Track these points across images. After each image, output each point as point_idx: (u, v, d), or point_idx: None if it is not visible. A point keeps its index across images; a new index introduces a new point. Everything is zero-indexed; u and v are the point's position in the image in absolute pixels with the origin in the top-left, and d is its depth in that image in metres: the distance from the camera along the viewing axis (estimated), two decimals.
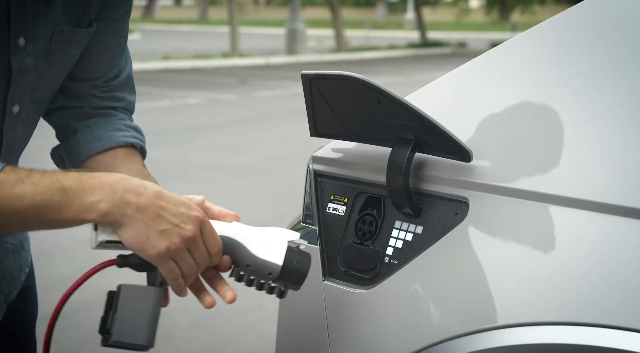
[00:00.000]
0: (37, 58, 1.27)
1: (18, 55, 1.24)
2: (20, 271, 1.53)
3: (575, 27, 1.32)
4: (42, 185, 1.08)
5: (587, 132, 1.17)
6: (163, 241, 1.11)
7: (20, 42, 1.23)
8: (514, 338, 1.09)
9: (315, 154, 1.42)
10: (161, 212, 1.11)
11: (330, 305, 1.32)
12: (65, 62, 1.35)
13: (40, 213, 1.09)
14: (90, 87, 1.44)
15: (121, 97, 1.48)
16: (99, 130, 1.43)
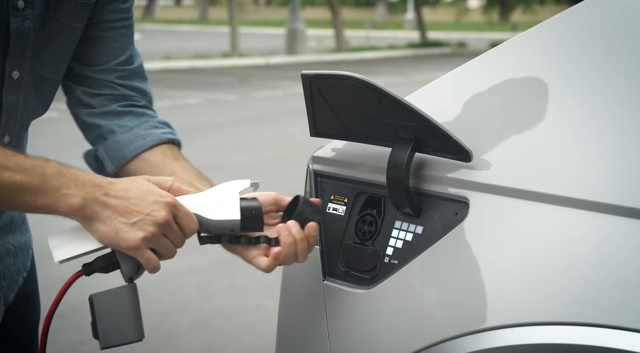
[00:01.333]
0: (35, 22, 1.27)
1: (17, 17, 1.24)
2: (18, 274, 1.53)
3: (575, 27, 1.32)
4: (24, 166, 1.11)
5: (587, 132, 1.17)
6: (137, 232, 1.14)
7: (20, 4, 1.24)
8: (514, 338, 1.09)
9: (315, 154, 1.42)
10: (130, 205, 1.13)
11: (330, 305, 1.32)
12: (65, 34, 1.35)
13: (15, 193, 1.11)
14: (107, 72, 1.44)
15: (138, 87, 1.48)
16: (137, 128, 1.44)
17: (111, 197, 1.13)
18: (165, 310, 3.73)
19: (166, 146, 1.44)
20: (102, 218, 1.13)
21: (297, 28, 20.50)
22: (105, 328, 1.16)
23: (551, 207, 1.12)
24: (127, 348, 3.71)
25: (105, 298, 1.17)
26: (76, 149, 1.50)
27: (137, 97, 1.48)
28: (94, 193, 1.13)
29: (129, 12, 1.45)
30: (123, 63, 1.45)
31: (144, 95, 1.49)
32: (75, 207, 1.12)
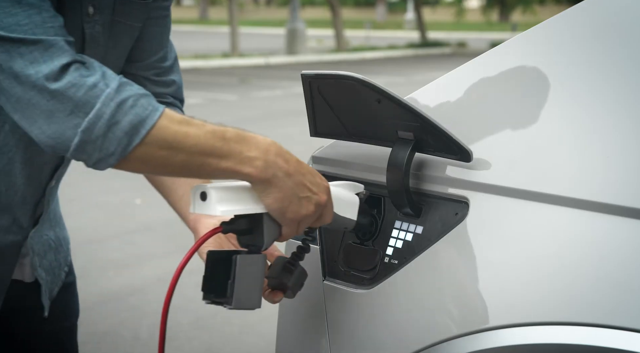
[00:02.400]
0: (104, 27, 1.32)
1: (89, 22, 1.29)
2: (60, 269, 1.57)
3: (575, 27, 1.32)
4: (205, 130, 1.12)
5: (587, 132, 1.17)
6: (302, 207, 1.17)
7: (90, 10, 1.28)
8: (514, 338, 1.09)
9: (315, 154, 1.42)
10: (304, 179, 1.17)
11: (330, 305, 1.32)
12: (128, 35, 1.39)
13: (201, 157, 1.12)
14: (145, 68, 1.47)
15: (171, 81, 1.51)
16: None
17: (291, 166, 1.16)
18: None
19: None
20: (280, 184, 1.15)
21: (297, 28, 20.50)
22: (239, 291, 1.18)
23: (551, 207, 1.12)
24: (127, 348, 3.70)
25: (247, 261, 1.19)
26: None
27: (168, 94, 1.51)
28: (275, 159, 1.15)
29: (169, 9, 1.48)
30: (160, 60, 1.48)
31: (176, 87, 1.52)
32: (258, 169, 1.13)
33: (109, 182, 6.23)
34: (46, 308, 1.50)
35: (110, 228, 5.07)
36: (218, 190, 1.14)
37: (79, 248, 4.54)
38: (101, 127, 1.07)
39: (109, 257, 4.48)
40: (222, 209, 1.14)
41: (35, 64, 1.07)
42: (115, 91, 1.08)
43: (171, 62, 1.51)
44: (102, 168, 1.11)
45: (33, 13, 1.09)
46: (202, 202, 1.15)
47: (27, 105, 1.07)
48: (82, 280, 4.45)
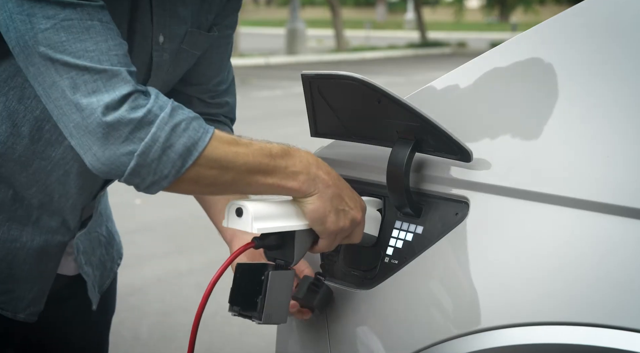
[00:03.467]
0: (170, 54, 1.36)
1: (158, 51, 1.32)
2: (112, 262, 1.61)
3: (575, 27, 1.32)
4: (253, 148, 1.16)
5: (587, 132, 1.17)
6: (340, 219, 1.21)
7: (160, 39, 1.32)
8: (514, 338, 1.09)
9: (315, 154, 1.42)
10: (342, 193, 1.21)
11: (330, 305, 1.32)
12: (188, 62, 1.43)
13: (249, 174, 1.16)
14: (202, 91, 1.50)
15: (225, 102, 1.55)
16: None
17: (332, 178, 1.21)
18: (166, 310, 3.73)
19: None
20: (321, 194, 1.19)
21: (297, 28, 20.49)
22: (269, 306, 1.20)
23: (551, 207, 1.12)
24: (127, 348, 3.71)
25: (279, 277, 1.21)
26: None
27: (220, 114, 1.54)
28: (316, 172, 1.19)
29: (231, 37, 1.51)
30: (217, 84, 1.52)
31: (229, 108, 1.56)
32: (302, 183, 1.18)
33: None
34: (94, 302, 1.54)
35: None
36: (254, 207, 1.16)
37: None
38: (156, 151, 1.10)
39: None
40: (258, 227, 1.16)
41: (97, 93, 1.10)
42: (169, 115, 1.11)
43: (227, 84, 1.54)
44: (154, 191, 1.15)
45: (100, 40, 1.11)
46: (238, 218, 1.17)
47: (84, 132, 1.10)
48: None
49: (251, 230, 1.16)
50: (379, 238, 1.30)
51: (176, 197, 1.88)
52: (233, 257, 1.21)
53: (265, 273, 1.20)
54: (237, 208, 1.17)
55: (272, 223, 1.17)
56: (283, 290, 1.22)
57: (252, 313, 1.21)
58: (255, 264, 1.24)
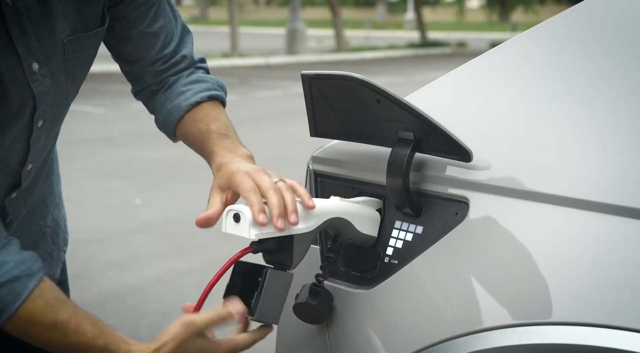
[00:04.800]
0: (54, 75, 1.28)
1: (37, 80, 1.25)
2: (59, 251, 1.58)
3: (575, 27, 1.32)
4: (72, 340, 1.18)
5: (587, 132, 1.17)
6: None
7: (35, 67, 1.23)
8: (514, 338, 1.09)
9: (315, 154, 1.42)
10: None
11: (330, 305, 1.32)
12: (84, 64, 1.36)
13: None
14: (148, 64, 1.45)
15: (181, 58, 1.48)
16: (166, 103, 1.46)
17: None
18: (166, 310, 3.73)
19: (188, 116, 1.44)
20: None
21: (297, 28, 20.49)
22: (263, 304, 1.21)
23: (551, 207, 1.12)
24: None
25: (277, 276, 1.22)
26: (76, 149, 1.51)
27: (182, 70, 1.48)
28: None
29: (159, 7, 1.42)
30: (161, 49, 1.45)
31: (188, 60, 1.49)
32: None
33: (109, 182, 6.24)
34: None
35: (110, 228, 5.07)
36: (251, 213, 1.16)
37: (79, 248, 4.53)
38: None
39: (109, 257, 4.48)
40: (256, 232, 1.16)
41: None
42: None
43: (177, 40, 1.47)
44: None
45: None
46: (235, 223, 1.17)
47: None
48: (82, 280, 4.44)
49: (249, 236, 1.16)
50: (379, 238, 1.30)
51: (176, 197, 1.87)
52: (231, 262, 1.21)
53: (265, 270, 1.21)
54: (234, 214, 1.17)
55: (269, 228, 1.17)
56: (280, 290, 1.22)
57: (247, 310, 1.21)
58: (254, 264, 1.24)
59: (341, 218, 1.25)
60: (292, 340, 1.41)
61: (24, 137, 1.29)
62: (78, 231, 4.96)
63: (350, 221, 1.26)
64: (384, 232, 1.29)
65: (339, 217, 1.25)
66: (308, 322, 1.31)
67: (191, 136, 1.42)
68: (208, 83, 1.48)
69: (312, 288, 1.29)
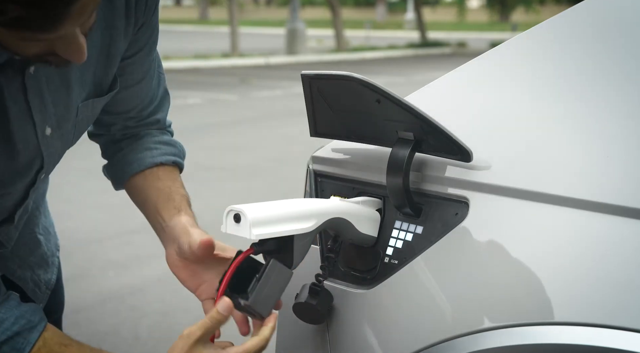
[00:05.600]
0: (63, 137, 1.30)
1: (47, 144, 1.27)
2: (53, 256, 1.59)
3: (575, 27, 1.32)
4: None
5: (587, 132, 1.17)
6: None
7: (47, 131, 1.25)
8: (514, 338, 1.09)
9: (315, 154, 1.42)
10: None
11: (330, 305, 1.32)
12: (90, 120, 1.38)
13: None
14: (124, 119, 1.48)
15: (154, 121, 1.51)
16: (130, 154, 1.48)
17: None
18: (166, 310, 3.73)
19: (151, 171, 1.46)
20: None
21: (297, 28, 20.49)
22: (259, 292, 1.21)
23: (551, 207, 1.12)
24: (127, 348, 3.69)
25: (278, 269, 1.22)
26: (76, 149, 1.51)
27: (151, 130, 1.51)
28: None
29: (153, 59, 1.43)
30: (141, 109, 1.48)
31: (160, 124, 1.52)
32: None
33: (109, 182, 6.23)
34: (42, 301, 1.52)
35: (110, 228, 5.07)
36: (252, 213, 1.16)
37: (79, 248, 4.54)
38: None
39: (109, 257, 4.48)
40: (256, 233, 1.16)
41: None
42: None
43: (157, 102, 1.49)
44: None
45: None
46: (236, 224, 1.17)
47: None
48: (82, 280, 4.44)
49: (249, 237, 1.15)
50: (379, 238, 1.30)
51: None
52: (234, 267, 1.21)
53: (269, 259, 1.21)
54: (235, 215, 1.17)
55: (270, 228, 1.17)
56: (278, 283, 1.22)
57: (240, 295, 1.21)
58: (256, 261, 1.24)
59: (341, 219, 1.25)
60: (292, 340, 1.41)
61: (25, 188, 1.32)
62: (78, 231, 4.96)
63: (350, 221, 1.26)
64: (384, 232, 1.29)
65: (339, 217, 1.25)
66: (308, 322, 1.31)
67: (146, 189, 1.45)
68: (176, 149, 1.52)
69: (312, 288, 1.29)
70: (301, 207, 1.21)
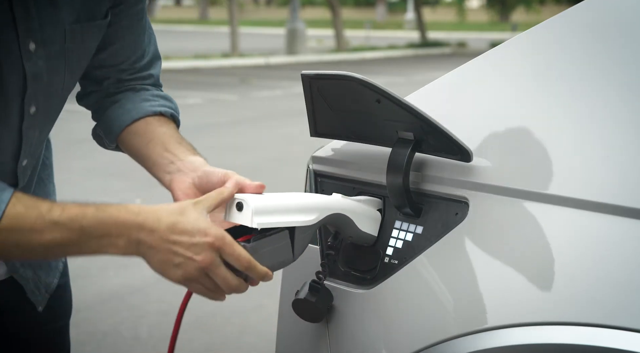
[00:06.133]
0: (50, 60, 1.29)
1: (30, 59, 1.25)
2: (57, 261, 1.57)
3: (575, 27, 1.32)
4: (62, 223, 1.11)
5: (587, 132, 1.17)
6: (178, 271, 1.15)
7: (31, 46, 1.24)
8: (514, 338, 1.09)
9: (315, 154, 1.42)
10: (173, 247, 1.14)
11: (330, 305, 1.32)
12: (83, 57, 1.36)
13: (60, 248, 1.13)
14: (117, 71, 1.46)
15: (148, 75, 1.50)
16: (127, 103, 1.45)
17: (156, 237, 1.14)
18: (166, 310, 3.73)
19: (153, 118, 1.44)
20: (149, 258, 1.15)
21: (297, 28, 20.50)
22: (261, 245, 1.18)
23: (551, 207, 1.12)
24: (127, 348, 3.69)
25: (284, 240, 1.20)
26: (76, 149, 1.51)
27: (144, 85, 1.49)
28: (137, 235, 1.13)
29: (144, 11, 1.45)
30: (133, 62, 1.47)
31: (153, 79, 1.50)
32: (122, 250, 1.14)
33: (109, 182, 6.23)
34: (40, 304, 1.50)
35: None
36: (255, 202, 1.16)
37: None
38: None
39: (109, 257, 4.48)
40: (258, 221, 1.15)
41: None
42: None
43: (148, 58, 1.49)
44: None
45: None
46: (238, 212, 1.17)
47: None
48: (82, 280, 4.44)
49: (251, 225, 1.15)
50: (379, 238, 1.30)
51: None
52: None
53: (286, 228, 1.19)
54: (237, 203, 1.17)
55: (272, 218, 1.17)
56: (277, 253, 1.19)
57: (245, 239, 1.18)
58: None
59: (342, 215, 1.25)
60: (292, 339, 1.41)
61: (16, 124, 1.29)
62: None
63: (351, 218, 1.26)
64: (384, 232, 1.30)
65: (341, 213, 1.25)
66: (306, 320, 1.31)
67: (150, 132, 1.42)
68: (173, 104, 1.50)
69: (312, 285, 1.29)
70: (304, 200, 1.21)
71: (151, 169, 1.41)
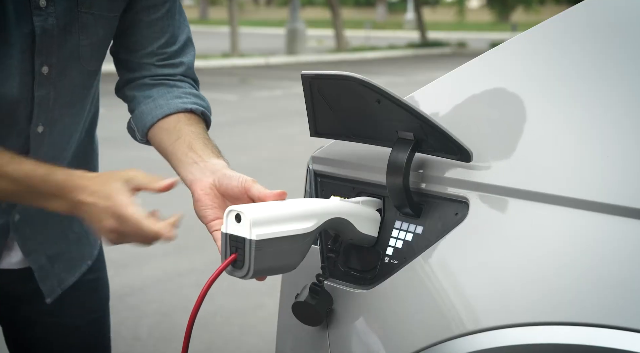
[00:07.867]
0: (61, 19, 1.31)
1: (40, 15, 1.28)
2: (81, 260, 1.60)
3: (575, 27, 1.32)
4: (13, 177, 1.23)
5: (587, 132, 1.17)
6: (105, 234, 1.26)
7: (42, 2, 1.28)
8: (514, 338, 1.09)
9: (315, 154, 1.42)
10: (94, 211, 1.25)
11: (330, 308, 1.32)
12: (101, 26, 1.38)
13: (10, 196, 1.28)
14: (147, 56, 1.48)
15: (179, 63, 1.52)
16: (160, 98, 1.48)
17: (83, 202, 1.24)
18: (166, 310, 3.73)
19: (183, 114, 1.46)
20: (86, 218, 1.26)
21: (297, 28, 20.50)
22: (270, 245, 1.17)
23: (551, 207, 1.12)
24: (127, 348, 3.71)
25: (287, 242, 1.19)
26: None
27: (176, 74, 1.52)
28: (73, 198, 1.24)
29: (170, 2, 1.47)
30: (163, 46, 1.48)
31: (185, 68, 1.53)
32: (64, 210, 1.26)
33: None
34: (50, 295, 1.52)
35: None
36: (253, 213, 1.15)
37: None
38: None
39: (109, 257, 4.47)
40: (257, 233, 1.15)
41: None
42: None
43: (179, 45, 1.50)
44: None
45: None
46: (237, 223, 1.16)
47: None
48: None
49: (250, 237, 1.15)
50: (379, 238, 1.30)
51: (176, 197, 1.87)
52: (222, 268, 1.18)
53: None
54: (236, 215, 1.16)
55: (270, 228, 1.16)
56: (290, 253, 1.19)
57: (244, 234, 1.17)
58: None
59: (341, 219, 1.25)
60: (292, 340, 1.41)
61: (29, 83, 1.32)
62: None
63: (350, 221, 1.26)
64: (384, 232, 1.29)
65: (340, 217, 1.25)
66: (305, 323, 1.31)
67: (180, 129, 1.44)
68: (205, 103, 1.53)
69: (312, 288, 1.28)
70: (301, 207, 1.21)
71: (175, 166, 1.44)
